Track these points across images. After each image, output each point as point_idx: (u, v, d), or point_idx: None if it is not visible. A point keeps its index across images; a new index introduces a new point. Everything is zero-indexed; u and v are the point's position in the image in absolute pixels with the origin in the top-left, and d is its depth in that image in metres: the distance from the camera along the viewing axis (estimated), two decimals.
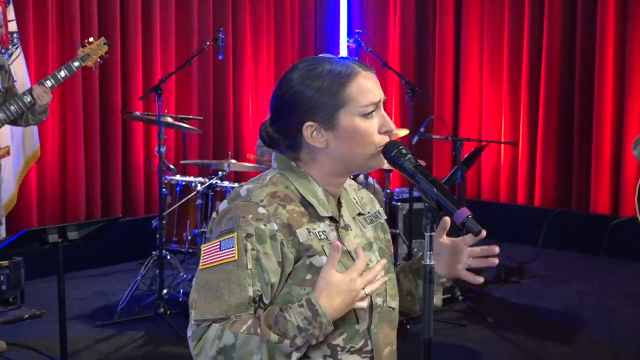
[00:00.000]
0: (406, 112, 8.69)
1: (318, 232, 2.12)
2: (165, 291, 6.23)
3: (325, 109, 2.10)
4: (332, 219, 2.17)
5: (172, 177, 6.75)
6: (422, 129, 6.60)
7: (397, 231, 6.99)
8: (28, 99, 5.40)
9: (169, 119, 6.75)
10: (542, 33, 8.81)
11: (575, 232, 8.51)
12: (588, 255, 8.12)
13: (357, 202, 2.30)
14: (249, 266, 2.03)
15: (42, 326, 6.06)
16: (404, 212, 7.00)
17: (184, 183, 6.64)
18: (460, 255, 2.26)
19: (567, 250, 8.41)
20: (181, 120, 7.37)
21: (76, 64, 5.58)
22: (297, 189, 2.15)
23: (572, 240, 8.48)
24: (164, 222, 6.43)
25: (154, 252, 6.48)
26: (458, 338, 5.90)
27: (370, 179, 6.67)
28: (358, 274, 2.00)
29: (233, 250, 2.03)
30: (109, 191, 8.24)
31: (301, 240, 2.07)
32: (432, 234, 2.01)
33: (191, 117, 7.85)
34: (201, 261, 2.09)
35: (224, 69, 9.03)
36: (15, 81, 5.84)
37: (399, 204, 6.98)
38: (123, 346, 5.68)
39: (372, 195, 2.41)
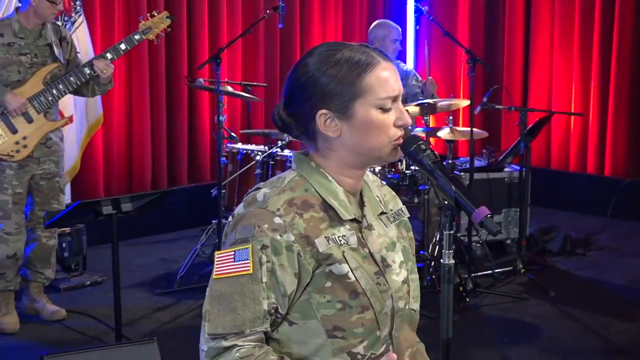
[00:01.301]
0: (478, 82, 8.58)
1: (338, 237, 2.04)
2: None
3: (341, 98, 2.03)
4: (354, 220, 2.10)
5: (234, 146, 6.71)
6: (485, 99, 6.50)
7: None
8: (87, 70, 5.42)
9: (229, 88, 6.72)
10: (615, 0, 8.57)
11: None
12: None
13: (380, 200, 2.22)
14: (264, 279, 1.97)
15: (102, 293, 6.13)
16: (467, 182, 6.88)
17: (245, 152, 6.59)
18: None
19: (637, 221, 8.21)
20: (245, 87, 7.35)
21: (137, 37, 5.57)
22: (317, 192, 2.07)
23: None
24: (224, 190, 6.43)
25: (213, 221, 6.49)
26: (518, 312, 5.82)
27: None
28: None
29: (248, 262, 1.96)
30: (175, 158, 8.27)
31: (320, 250, 2.01)
32: (451, 232, 1.93)
33: (254, 84, 7.83)
34: (215, 270, 2.03)
35: (290, 35, 8.96)
36: (78, 52, 5.87)
37: (462, 174, 6.85)
38: (180, 315, 5.72)
39: (394, 193, 2.32)
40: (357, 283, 2.03)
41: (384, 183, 2.33)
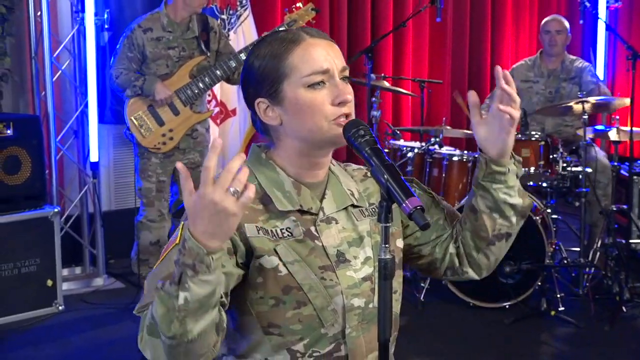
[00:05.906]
0: None
1: (281, 229, 1.93)
2: None
3: (269, 82, 1.94)
4: (302, 211, 1.97)
5: (395, 142, 6.57)
6: None
7: (626, 207, 6.33)
8: (233, 64, 5.49)
9: (386, 83, 6.60)
10: None
11: None
12: None
13: (353, 194, 2.07)
14: None
15: None
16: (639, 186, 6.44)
17: (405, 148, 6.42)
18: (500, 119, 2.01)
19: None
20: (419, 83, 7.19)
21: (282, 29, 5.58)
22: (259, 184, 1.97)
23: None
24: None
25: None
26: None
27: (594, 150, 6.16)
28: (206, 189, 1.61)
29: (176, 237, 1.86)
30: (339, 150, 8.14)
31: (248, 235, 1.88)
32: (388, 224, 1.77)
33: (428, 80, 7.62)
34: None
35: (481, 30, 8.71)
36: (230, 39, 5.96)
37: (635, 177, 6.34)
38: None
39: None
40: (290, 277, 1.91)
41: (369, 175, 2.12)
